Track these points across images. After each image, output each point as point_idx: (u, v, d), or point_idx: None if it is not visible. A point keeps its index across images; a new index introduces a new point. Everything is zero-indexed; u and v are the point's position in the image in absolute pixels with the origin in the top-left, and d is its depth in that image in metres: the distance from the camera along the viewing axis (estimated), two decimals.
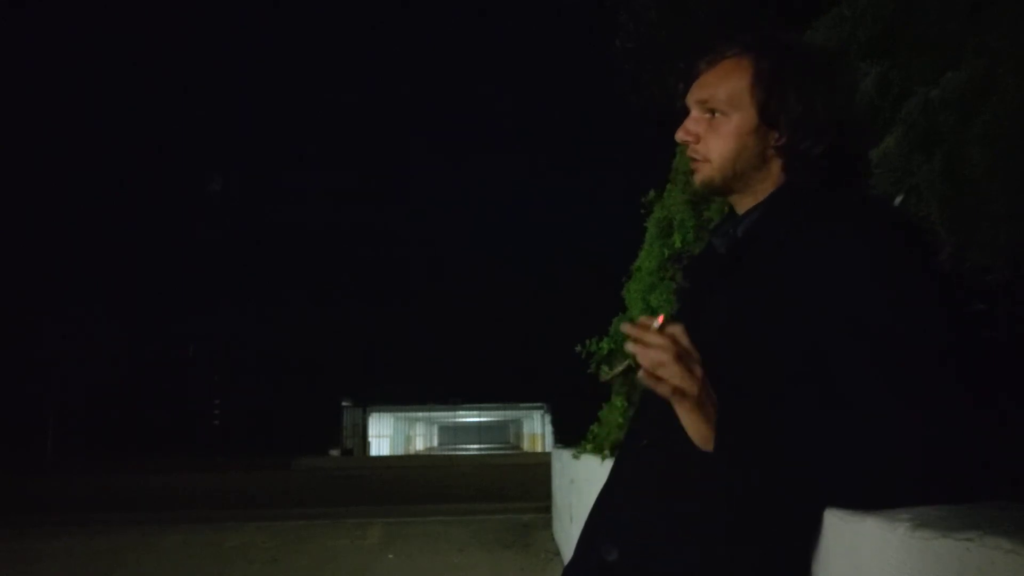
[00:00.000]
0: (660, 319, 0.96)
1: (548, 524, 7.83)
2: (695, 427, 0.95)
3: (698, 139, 1.12)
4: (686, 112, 1.15)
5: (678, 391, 0.94)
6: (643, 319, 0.98)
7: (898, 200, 1.46)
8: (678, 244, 3.36)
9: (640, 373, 0.97)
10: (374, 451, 40.02)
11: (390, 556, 6.54)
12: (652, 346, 0.95)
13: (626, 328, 0.98)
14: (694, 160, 1.14)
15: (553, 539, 7.07)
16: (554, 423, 37.92)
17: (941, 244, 1.36)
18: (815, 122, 1.06)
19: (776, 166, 1.11)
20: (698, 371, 0.94)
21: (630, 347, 0.98)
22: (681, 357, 0.94)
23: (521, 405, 44.71)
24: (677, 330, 0.96)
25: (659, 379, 0.95)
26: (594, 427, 4.66)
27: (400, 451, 45.74)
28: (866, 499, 0.88)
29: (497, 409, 47.53)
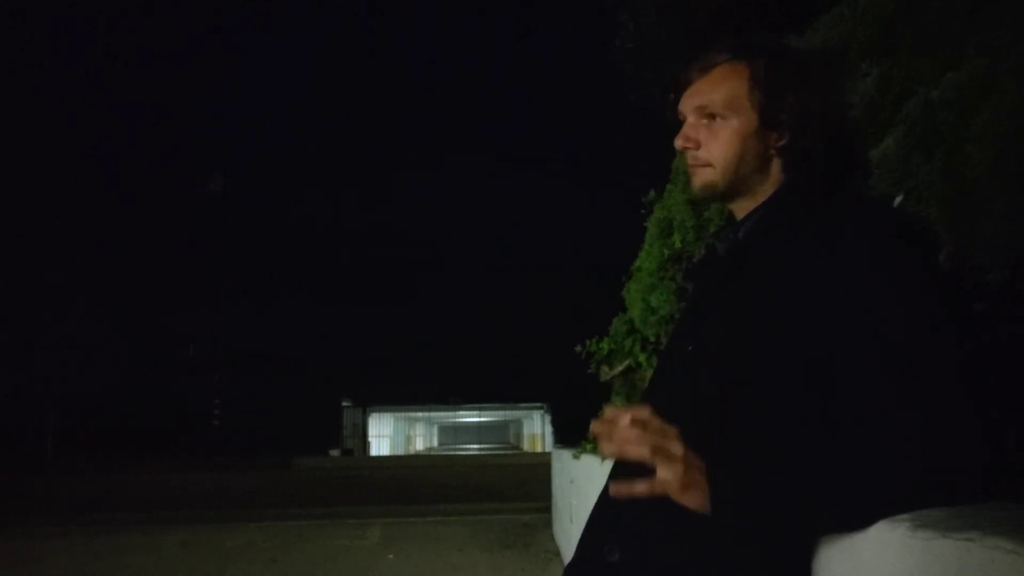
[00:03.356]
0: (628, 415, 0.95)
1: (548, 524, 7.83)
2: (689, 502, 0.94)
3: (698, 144, 1.12)
4: (676, 121, 1.16)
5: (660, 483, 0.93)
6: (610, 412, 0.97)
7: (898, 200, 1.46)
8: (678, 244, 3.36)
9: (611, 488, 0.96)
10: (374, 451, 40.03)
11: (390, 556, 6.54)
12: (626, 441, 0.94)
13: (596, 426, 0.98)
14: (694, 166, 1.14)
15: (553, 539, 7.07)
16: (554, 423, 37.91)
17: (941, 244, 1.36)
18: (814, 121, 1.07)
19: (776, 168, 1.11)
20: (677, 450, 0.93)
21: (603, 449, 0.97)
22: (657, 449, 0.93)
23: (521, 405, 44.72)
24: (645, 415, 0.95)
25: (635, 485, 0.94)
26: None
27: (400, 451, 45.75)
28: (870, 511, 0.86)
29: (497, 409, 47.54)
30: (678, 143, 1.14)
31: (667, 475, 0.92)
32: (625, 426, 0.94)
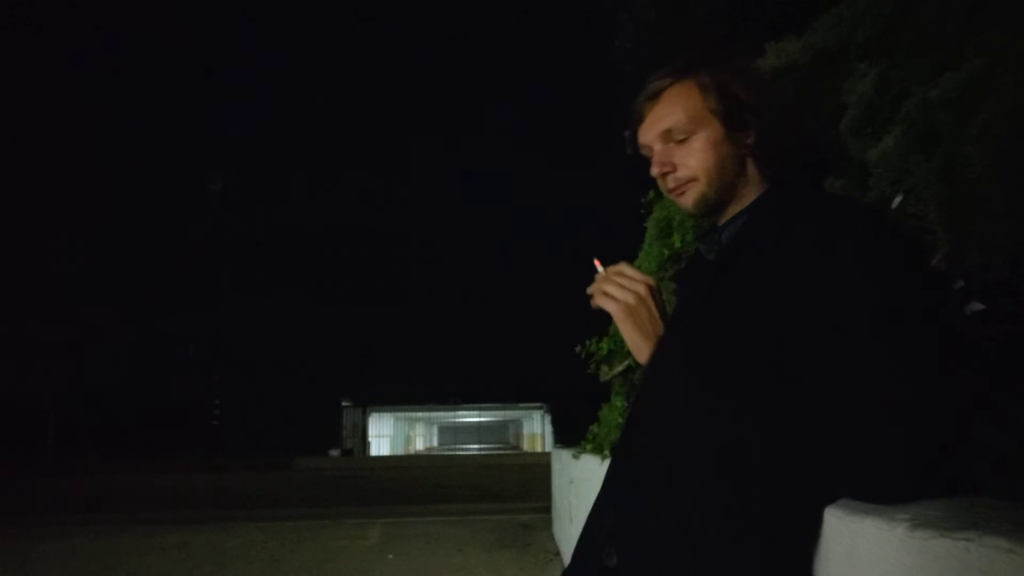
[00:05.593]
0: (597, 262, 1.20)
1: (548, 524, 7.84)
2: (628, 336, 1.12)
3: (675, 167, 1.15)
4: (638, 157, 1.20)
5: (612, 302, 1.13)
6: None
7: (897, 200, 1.47)
8: (678, 244, 3.36)
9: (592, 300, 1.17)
10: (374, 451, 39.99)
11: (390, 556, 6.54)
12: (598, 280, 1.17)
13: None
14: (677, 188, 1.16)
15: (553, 539, 7.07)
16: (554, 423, 37.91)
17: (939, 243, 1.36)
18: (774, 114, 1.12)
19: (753, 168, 1.14)
20: (640, 289, 1.13)
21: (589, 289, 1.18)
22: (621, 283, 1.14)
23: (521, 405, 44.68)
24: (618, 266, 1.17)
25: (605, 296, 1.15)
26: (594, 427, 4.66)
27: (400, 451, 45.73)
28: (854, 487, 0.92)
29: (497, 409, 47.50)
30: (655, 171, 1.17)
31: (620, 293, 1.13)
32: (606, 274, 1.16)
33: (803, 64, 2.12)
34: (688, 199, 1.16)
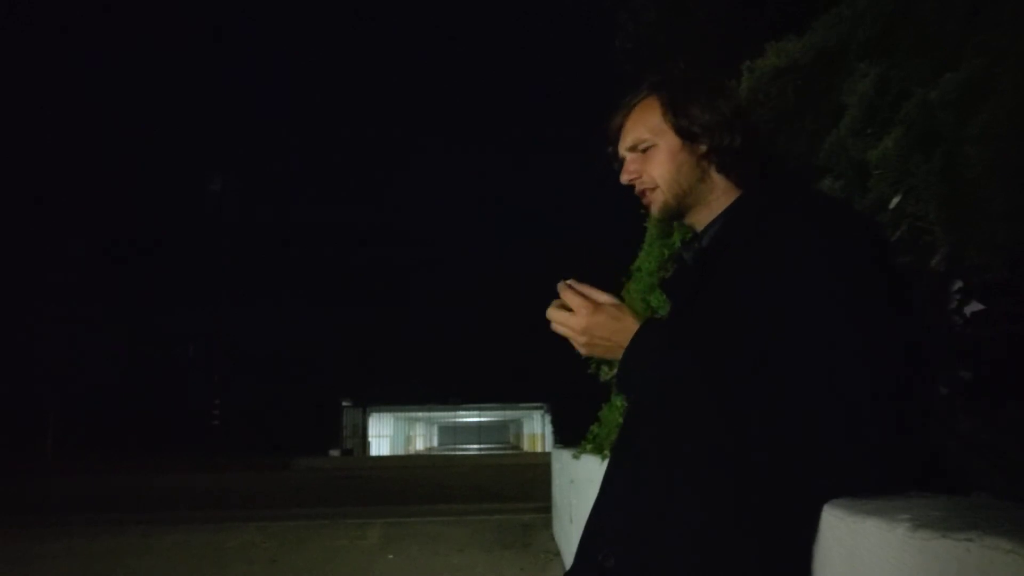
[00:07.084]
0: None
1: (548, 524, 7.84)
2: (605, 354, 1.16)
3: (640, 174, 1.26)
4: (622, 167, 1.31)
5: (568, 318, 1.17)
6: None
7: (895, 200, 1.47)
8: (678, 244, 3.36)
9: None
10: (374, 451, 39.97)
11: (390, 556, 6.54)
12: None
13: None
14: (644, 193, 1.27)
15: (553, 539, 7.08)
16: (554, 423, 37.89)
17: (939, 243, 1.36)
18: (723, 123, 1.20)
19: (716, 176, 1.22)
20: (581, 318, 1.16)
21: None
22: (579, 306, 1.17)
23: (521, 405, 44.66)
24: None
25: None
26: (594, 427, 4.66)
27: (400, 451, 45.70)
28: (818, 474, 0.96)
29: (497, 409, 47.48)
30: (624, 179, 1.28)
31: (567, 322, 1.17)
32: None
33: (803, 64, 2.13)
34: (654, 207, 1.27)
